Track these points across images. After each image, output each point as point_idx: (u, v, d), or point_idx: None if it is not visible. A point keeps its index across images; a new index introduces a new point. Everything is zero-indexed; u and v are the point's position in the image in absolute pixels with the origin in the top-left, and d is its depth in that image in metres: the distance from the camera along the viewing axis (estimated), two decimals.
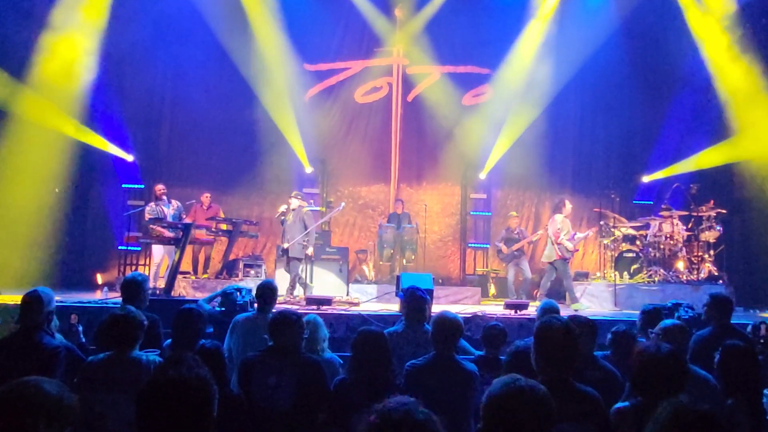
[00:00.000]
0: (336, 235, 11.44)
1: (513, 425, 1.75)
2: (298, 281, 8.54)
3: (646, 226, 9.85)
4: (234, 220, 9.24)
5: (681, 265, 9.24)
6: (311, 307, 7.05)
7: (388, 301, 8.57)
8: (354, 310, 7.46)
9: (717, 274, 9.22)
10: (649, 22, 11.01)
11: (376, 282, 10.11)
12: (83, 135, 10.44)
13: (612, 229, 9.91)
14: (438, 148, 11.90)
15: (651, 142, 11.60)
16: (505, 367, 3.16)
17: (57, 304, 3.90)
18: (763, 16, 9.94)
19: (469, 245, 11.82)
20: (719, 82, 10.30)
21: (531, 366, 2.53)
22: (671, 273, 9.16)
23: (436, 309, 4.50)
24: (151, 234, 8.80)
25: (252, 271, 9.55)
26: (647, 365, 2.48)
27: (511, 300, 7.99)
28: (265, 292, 4.69)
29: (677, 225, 9.38)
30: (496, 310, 7.77)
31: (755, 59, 9.67)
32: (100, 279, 10.63)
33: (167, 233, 8.57)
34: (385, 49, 12.07)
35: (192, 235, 8.30)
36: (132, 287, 4.29)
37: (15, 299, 6.38)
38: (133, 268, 10.28)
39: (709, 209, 9.40)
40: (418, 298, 4.32)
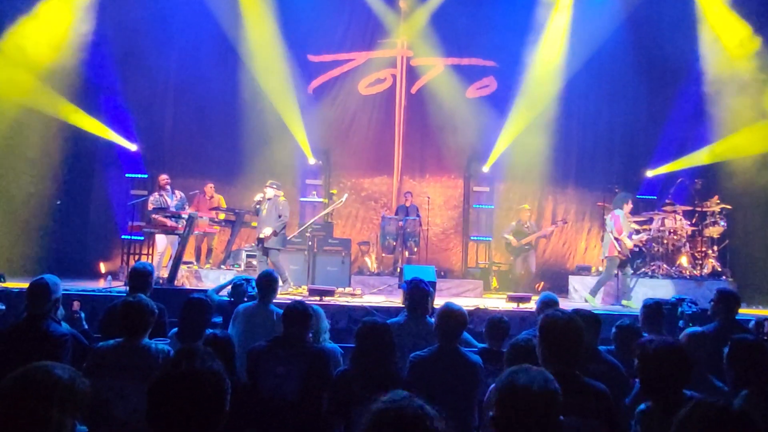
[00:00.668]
0: (338, 227, 11.45)
1: (525, 412, 1.77)
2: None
3: (649, 221, 9.81)
4: (237, 210, 9.24)
5: (684, 261, 9.22)
6: (314, 298, 7.07)
7: (389, 294, 8.59)
8: (356, 301, 7.48)
9: (720, 269, 9.20)
10: (656, 13, 10.90)
11: (378, 274, 10.13)
12: (85, 121, 10.40)
13: None
14: (441, 140, 11.85)
15: (655, 136, 11.54)
16: (507, 360, 3.17)
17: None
18: None
19: (472, 238, 11.81)
20: (727, 75, 10.23)
21: (531, 359, 2.53)
22: (674, 268, 9.14)
23: (438, 302, 4.51)
24: (155, 223, 8.80)
25: (254, 261, 9.55)
26: (651, 359, 2.50)
27: (514, 293, 7.99)
28: (266, 282, 4.70)
29: (680, 220, 9.34)
30: (498, 303, 7.78)
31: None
32: (103, 268, 10.65)
33: (170, 223, 8.58)
34: (389, 41, 12.01)
35: (195, 225, 8.30)
36: (141, 277, 4.33)
37: (19, 286, 6.41)
38: (136, 257, 10.29)
39: (714, 204, 9.36)
40: (421, 289, 4.33)
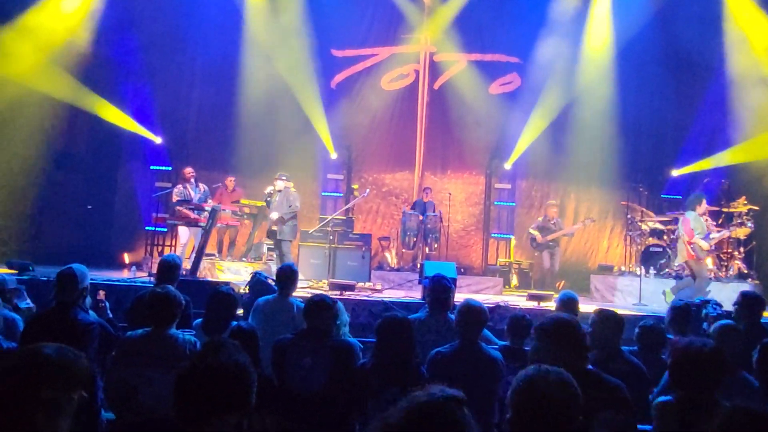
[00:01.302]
0: (359, 222, 11.46)
1: (541, 411, 1.76)
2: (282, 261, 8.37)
3: (674, 221, 9.65)
4: (259, 204, 9.31)
5: (709, 262, 9.05)
6: (334, 292, 7.11)
7: (409, 289, 8.60)
8: (376, 296, 7.50)
9: (746, 272, 9.03)
10: (685, 8, 10.70)
11: (398, 269, 10.13)
12: (111, 113, 10.57)
13: (639, 223, 9.76)
14: (463, 136, 11.78)
15: (681, 136, 11.32)
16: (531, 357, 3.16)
17: None
18: None
19: (492, 235, 11.74)
20: (755, 74, 10.01)
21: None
22: None
23: (458, 298, 4.50)
24: (178, 215, 8.92)
25: (275, 254, 9.62)
26: (689, 360, 2.51)
27: (534, 291, 7.95)
28: (286, 275, 4.75)
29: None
30: (518, 300, 7.74)
31: None
32: (127, 258, 10.82)
33: (193, 215, 8.68)
34: (413, 36, 11.96)
35: (218, 218, 8.40)
36: (169, 269, 4.46)
37: (46, 276, 6.54)
38: (160, 248, 10.43)
39: (741, 205, 9.18)
40: (443, 285, 4.33)
